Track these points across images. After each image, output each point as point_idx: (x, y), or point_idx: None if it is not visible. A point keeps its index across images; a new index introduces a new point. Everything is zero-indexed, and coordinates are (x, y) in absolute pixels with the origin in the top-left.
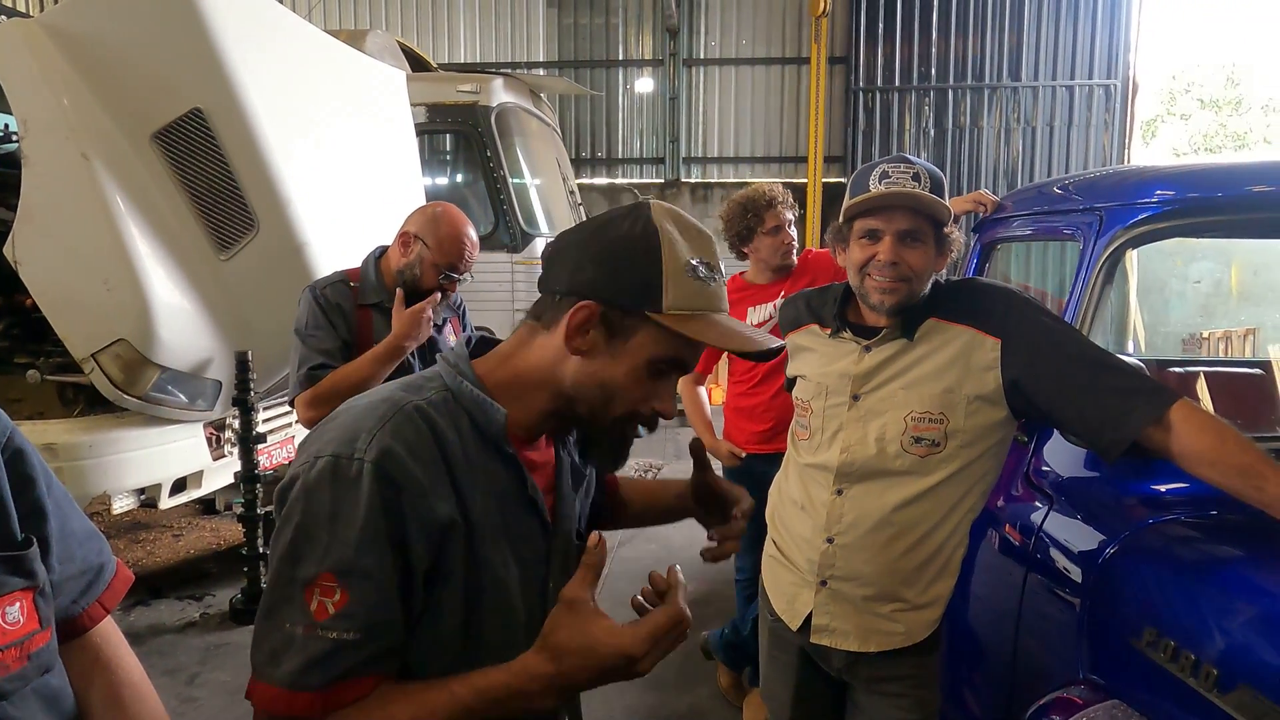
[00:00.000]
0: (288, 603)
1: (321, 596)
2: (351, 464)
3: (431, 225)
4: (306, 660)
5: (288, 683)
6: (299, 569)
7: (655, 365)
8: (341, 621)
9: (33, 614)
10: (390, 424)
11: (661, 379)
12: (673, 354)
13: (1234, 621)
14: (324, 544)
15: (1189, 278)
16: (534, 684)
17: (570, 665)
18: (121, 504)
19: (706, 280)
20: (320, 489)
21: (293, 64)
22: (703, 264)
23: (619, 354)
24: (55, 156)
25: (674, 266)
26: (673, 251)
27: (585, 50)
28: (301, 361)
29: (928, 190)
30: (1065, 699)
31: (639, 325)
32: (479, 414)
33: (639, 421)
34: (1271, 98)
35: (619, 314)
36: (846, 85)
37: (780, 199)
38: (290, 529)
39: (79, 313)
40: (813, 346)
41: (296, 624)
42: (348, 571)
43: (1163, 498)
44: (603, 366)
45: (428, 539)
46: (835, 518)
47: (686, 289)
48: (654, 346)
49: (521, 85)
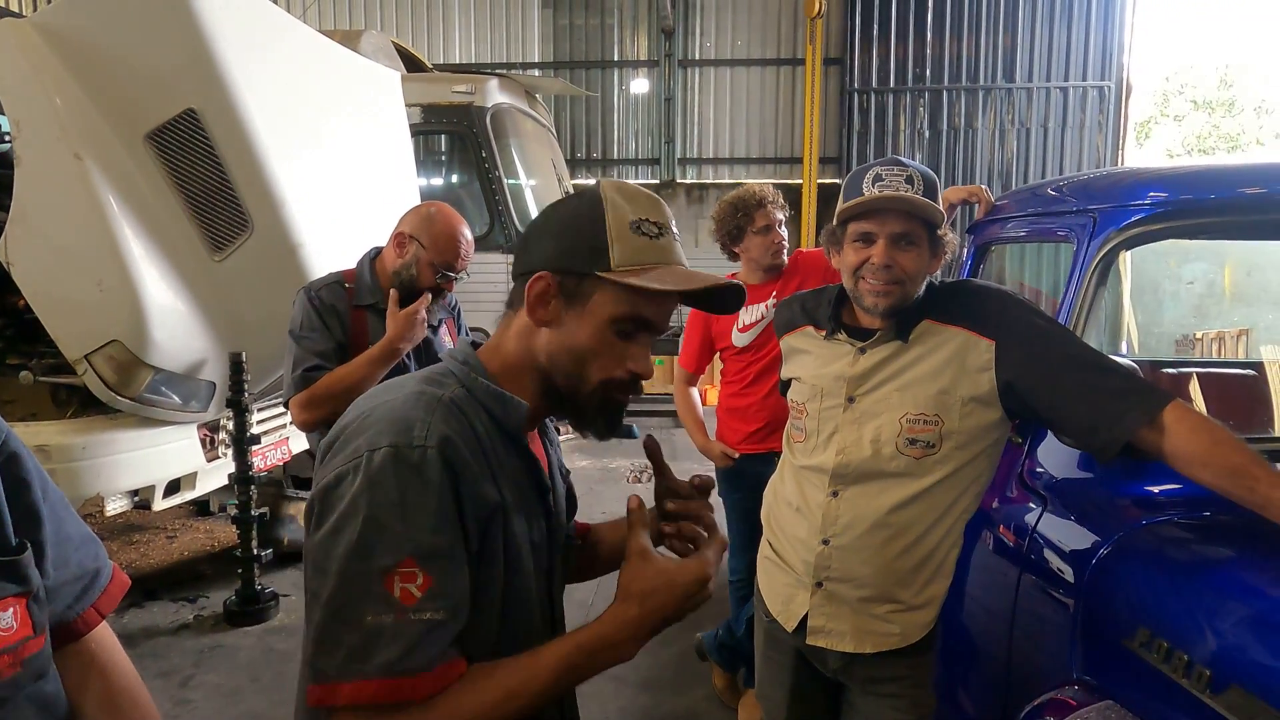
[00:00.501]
0: (365, 597)
1: (403, 583)
2: (414, 451)
3: (426, 225)
4: (406, 645)
5: (390, 670)
6: (374, 560)
7: (618, 325)
8: (431, 602)
9: (26, 620)
10: (439, 413)
11: (631, 340)
12: (632, 311)
13: (1226, 622)
14: (398, 531)
15: (1182, 279)
16: (625, 629)
17: (655, 603)
18: (115, 506)
19: (654, 236)
20: (384, 479)
21: (287, 64)
22: (648, 222)
23: (581, 318)
24: (48, 157)
25: (619, 226)
26: (616, 213)
27: (580, 51)
28: (296, 363)
29: (921, 193)
30: (1059, 699)
31: (594, 287)
32: (497, 408)
33: (617, 386)
34: (1264, 99)
35: (574, 280)
36: (841, 86)
37: (770, 199)
38: (356, 523)
39: (72, 314)
40: (808, 349)
41: (382, 614)
42: (428, 555)
43: (1156, 499)
44: (569, 333)
45: (479, 522)
46: (831, 519)
47: (633, 244)
48: (612, 305)
49: (517, 86)
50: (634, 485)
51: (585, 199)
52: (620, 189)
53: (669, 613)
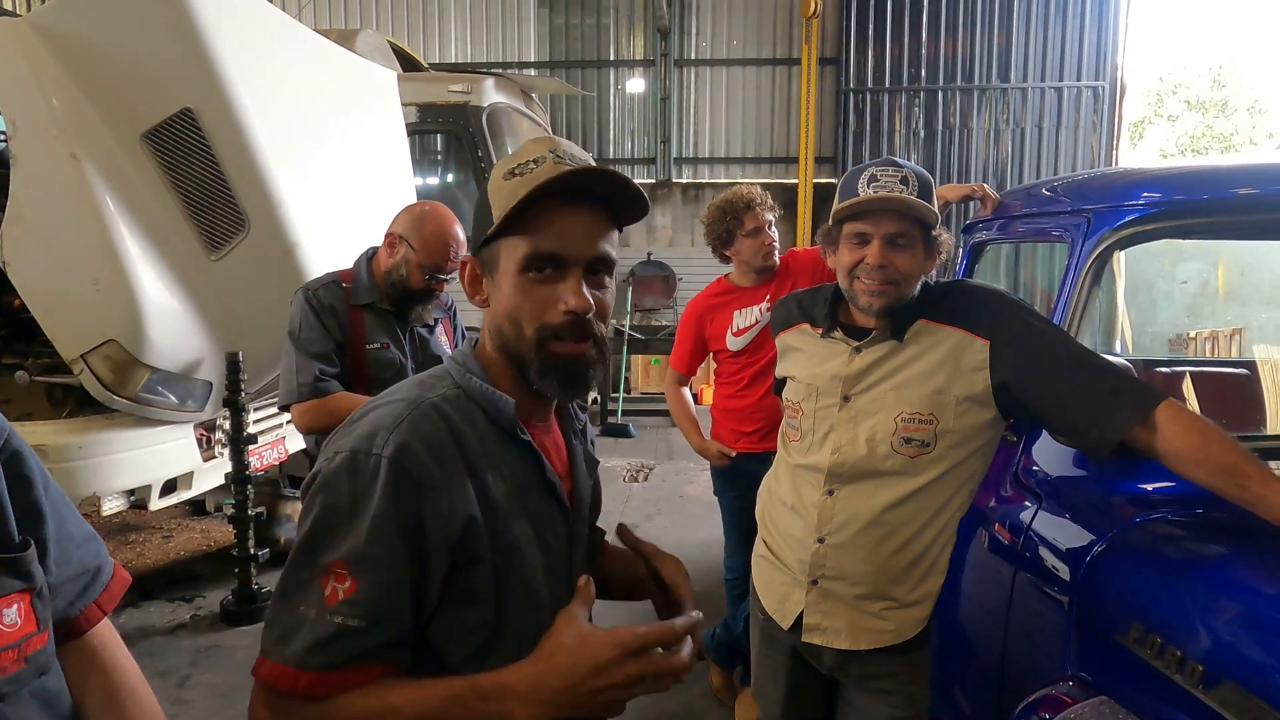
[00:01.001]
0: (303, 586)
1: (335, 583)
2: (370, 459)
3: (416, 226)
4: (314, 641)
5: (295, 661)
6: (317, 555)
7: (527, 270)
8: (347, 608)
9: (30, 616)
10: (407, 421)
11: (554, 281)
12: (530, 250)
13: (1219, 618)
14: (340, 533)
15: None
16: (522, 684)
17: (557, 663)
18: (111, 505)
19: (526, 173)
20: (338, 481)
21: (284, 64)
22: (522, 164)
23: (499, 282)
24: (44, 156)
25: (495, 184)
26: (496, 173)
27: (576, 50)
28: (299, 368)
29: (915, 193)
30: (1053, 696)
31: (496, 249)
32: (490, 407)
33: (555, 333)
34: (1257, 100)
35: (486, 252)
36: (837, 86)
37: (759, 200)
38: (310, 518)
39: (68, 313)
40: (803, 347)
41: (310, 606)
42: (358, 560)
43: (1149, 496)
44: (497, 300)
45: (445, 535)
46: (826, 518)
47: (506, 191)
48: (512, 253)
49: (513, 85)
50: (631, 484)
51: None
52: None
53: (575, 679)
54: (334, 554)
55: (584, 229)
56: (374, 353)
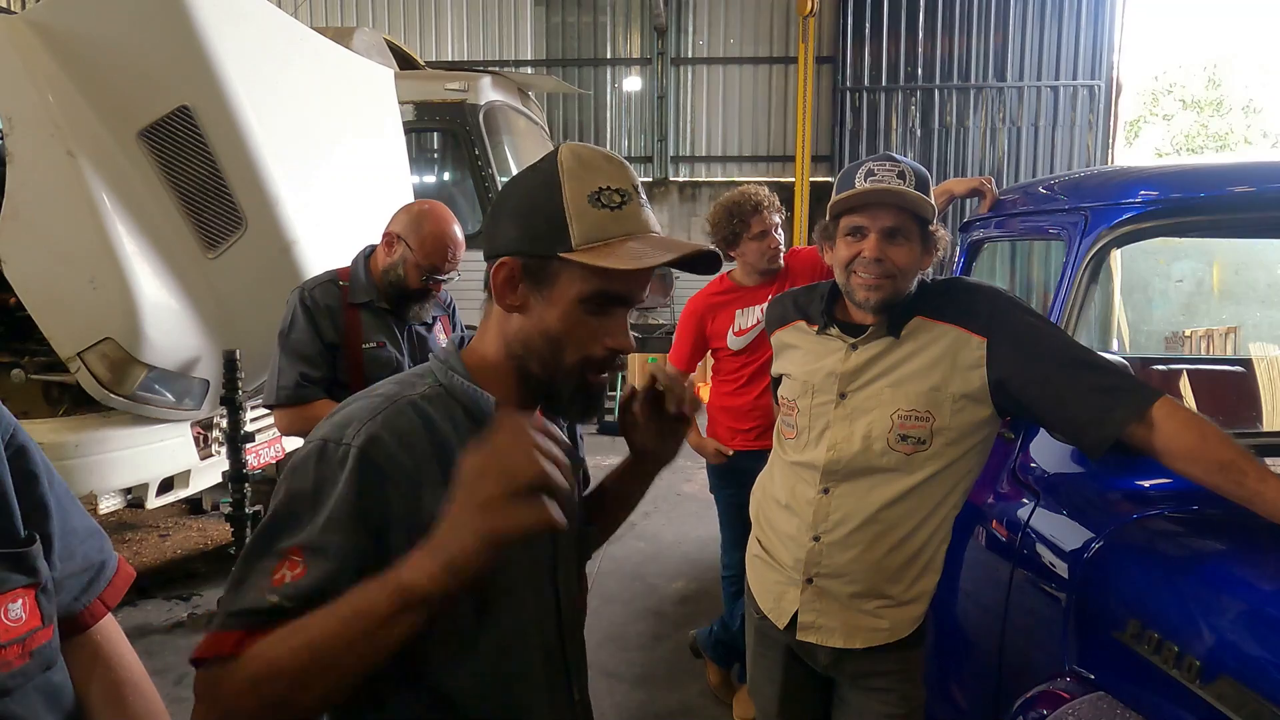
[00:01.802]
0: (256, 570)
1: (288, 569)
2: (338, 448)
3: (415, 225)
4: (242, 609)
5: (218, 626)
6: (273, 541)
7: (588, 304)
8: (288, 590)
9: (35, 611)
10: (383, 415)
11: (605, 316)
12: (600, 289)
13: (1216, 614)
14: (300, 519)
15: (1171, 277)
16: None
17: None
18: (108, 504)
19: (615, 206)
20: (304, 468)
21: (280, 62)
22: (608, 190)
23: (550, 301)
24: (40, 154)
25: (577, 201)
26: (574, 185)
27: (573, 49)
28: (282, 370)
29: (913, 188)
30: (1051, 692)
31: (559, 268)
32: (470, 405)
33: (596, 365)
34: (1252, 99)
35: (537, 261)
36: (834, 85)
37: (766, 203)
38: (274, 505)
39: (64, 311)
40: (799, 344)
41: (258, 583)
42: (314, 549)
43: (1146, 493)
44: (539, 318)
45: (410, 529)
46: (822, 516)
47: (592, 219)
48: (579, 284)
49: (509, 83)
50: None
51: (542, 171)
52: (578, 155)
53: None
54: (291, 540)
55: (648, 279)
56: (371, 352)
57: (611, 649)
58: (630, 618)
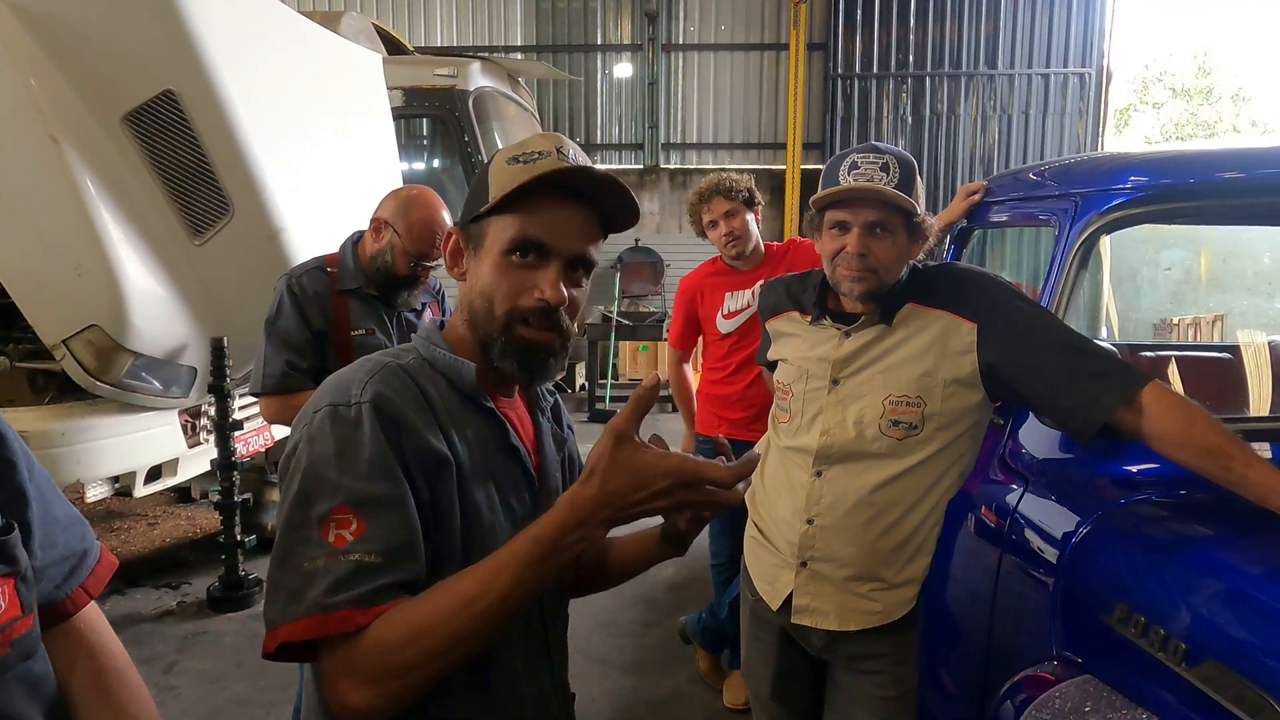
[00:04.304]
0: (304, 543)
1: (338, 529)
2: (350, 408)
3: (403, 211)
4: (333, 582)
5: (321, 606)
6: (312, 509)
7: (510, 250)
8: (362, 545)
9: (14, 600)
10: (378, 376)
11: (533, 268)
12: (519, 233)
13: (1202, 597)
14: (334, 480)
15: (1160, 265)
16: (582, 509)
17: (617, 484)
18: (95, 492)
19: (530, 160)
20: (323, 434)
21: (267, 46)
22: (528, 153)
23: (481, 258)
24: (23, 139)
25: (497, 166)
26: (498, 157)
27: (563, 34)
28: (268, 359)
29: (897, 178)
30: (1038, 675)
31: (484, 226)
32: (452, 373)
33: (523, 318)
34: (1241, 87)
35: (472, 227)
36: (825, 72)
37: (725, 188)
38: (298, 477)
39: (49, 298)
40: (794, 332)
41: (316, 558)
42: (361, 501)
43: (1134, 478)
44: (476, 276)
45: (425, 473)
46: (815, 499)
47: (507, 174)
48: (501, 233)
49: (499, 69)
50: None
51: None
52: (522, 139)
53: (629, 501)
54: (330, 501)
55: (574, 226)
56: (360, 339)
57: (602, 636)
58: (621, 605)
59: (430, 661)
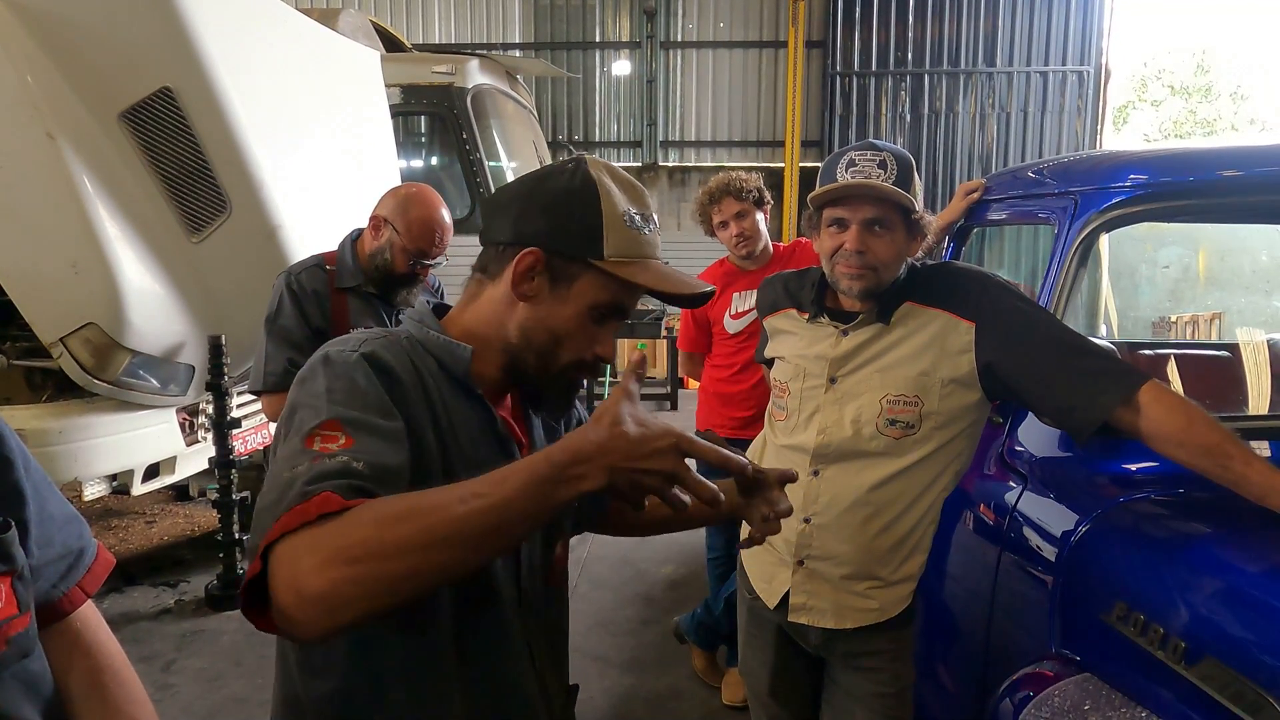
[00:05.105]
0: (288, 459)
1: (325, 442)
2: (344, 356)
3: (402, 209)
4: (317, 473)
5: (299, 498)
6: (300, 431)
7: (597, 310)
8: (348, 454)
9: (10, 598)
10: (373, 340)
11: (603, 325)
12: (614, 299)
13: (1201, 596)
14: (324, 405)
15: (1158, 263)
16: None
17: (625, 429)
18: (93, 490)
19: (641, 229)
20: (314, 376)
21: (265, 43)
22: (638, 214)
23: (564, 300)
24: (20, 136)
25: (613, 216)
26: (610, 201)
27: (562, 32)
28: (270, 356)
29: (894, 176)
30: (1037, 673)
31: (581, 272)
32: (445, 356)
33: (584, 368)
34: (1240, 85)
35: (562, 261)
36: (824, 69)
37: (734, 189)
38: (292, 416)
39: (46, 296)
40: (791, 330)
41: (298, 465)
42: (353, 422)
43: (1133, 477)
44: (549, 312)
45: (413, 433)
46: (812, 498)
47: (624, 236)
48: (597, 292)
49: (497, 67)
50: None
51: (576, 177)
52: (610, 173)
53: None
54: (318, 418)
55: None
56: None
57: (600, 634)
58: (619, 603)
59: (419, 550)
